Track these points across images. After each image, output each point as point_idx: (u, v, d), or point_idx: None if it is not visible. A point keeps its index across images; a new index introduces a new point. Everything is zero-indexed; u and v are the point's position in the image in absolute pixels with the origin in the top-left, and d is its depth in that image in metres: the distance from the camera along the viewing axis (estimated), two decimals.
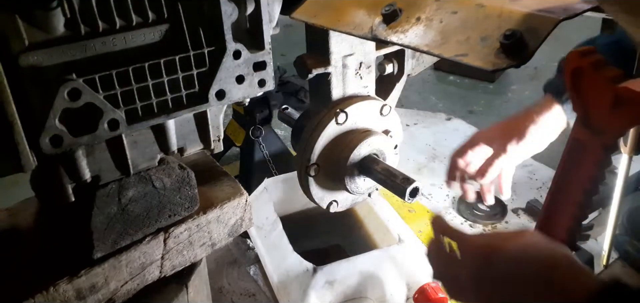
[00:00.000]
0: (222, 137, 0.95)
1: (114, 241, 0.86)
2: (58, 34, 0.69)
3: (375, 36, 0.86)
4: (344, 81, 1.04)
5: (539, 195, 2.55)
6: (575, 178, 0.92)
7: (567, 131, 1.16)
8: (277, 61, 4.63)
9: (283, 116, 1.27)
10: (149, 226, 0.90)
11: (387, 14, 0.85)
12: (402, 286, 1.96)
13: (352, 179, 1.06)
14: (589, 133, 0.86)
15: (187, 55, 0.78)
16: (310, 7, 0.99)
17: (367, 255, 1.91)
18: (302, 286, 1.84)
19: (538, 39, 0.67)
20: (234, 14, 0.80)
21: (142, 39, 0.76)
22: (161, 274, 0.94)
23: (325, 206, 1.12)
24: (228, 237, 1.03)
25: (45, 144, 0.69)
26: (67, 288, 0.81)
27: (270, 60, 0.87)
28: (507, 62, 0.68)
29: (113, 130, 0.74)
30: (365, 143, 1.04)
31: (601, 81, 0.79)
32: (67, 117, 0.70)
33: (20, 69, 0.66)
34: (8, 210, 1.00)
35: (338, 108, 1.02)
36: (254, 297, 2.04)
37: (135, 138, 0.83)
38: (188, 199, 0.94)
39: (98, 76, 0.71)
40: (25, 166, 0.70)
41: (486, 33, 0.73)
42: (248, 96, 0.87)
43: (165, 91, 0.78)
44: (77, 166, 0.77)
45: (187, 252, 0.96)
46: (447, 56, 0.75)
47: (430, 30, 0.79)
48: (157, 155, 0.87)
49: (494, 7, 0.75)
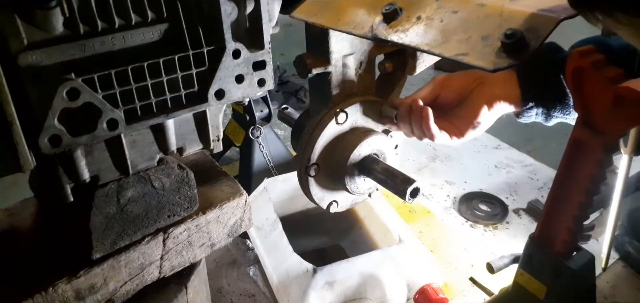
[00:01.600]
0: (221, 137, 0.95)
1: (113, 242, 0.85)
2: (57, 34, 0.69)
3: (376, 35, 0.86)
4: (344, 80, 1.04)
5: (540, 195, 2.54)
6: (576, 177, 0.92)
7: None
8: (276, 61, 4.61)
9: (283, 115, 1.27)
10: (148, 227, 0.89)
11: (387, 13, 0.84)
12: (403, 286, 1.96)
13: (352, 180, 1.06)
14: (589, 133, 0.86)
15: (186, 54, 0.78)
16: (310, 6, 0.98)
17: (367, 256, 1.91)
18: (302, 287, 1.84)
19: (539, 38, 0.67)
20: (233, 13, 0.79)
21: (141, 39, 0.75)
22: (160, 275, 0.94)
23: (325, 206, 1.12)
24: (227, 238, 1.03)
25: (44, 144, 0.69)
26: (66, 288, 0.81)
27: (269, 59, 0.87)
28: (508, 62, 0.68)
29: (112, 130, 0.74)
30: (366, 143, 1.04)
31: (602, 81, 0.78)
32: (66, 117, 0.70)
33: (19, 68, 0.66)
34: (7, 210, 1.00)
35: (338, 108, 1.02)
36: (254, 298, 2.04)
37: (134, 138, 0.83)
38: (187, 199, 0.93)
39: (97, 75, 0.71)
40: (24, 166, 0.69)
41: (487, 32, 0.72)
42: (247, 95, 0.86)
43: (164, 91, 0.78)
44: (76, 166, 0.77)
45: (186, 253, 0.96)
46: (447, 56, 0.74)
47: (431, 29, 0.79)
48: (156, 155, 0.87)
49: (495, 6, 0.74)
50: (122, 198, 0.84)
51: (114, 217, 0.84)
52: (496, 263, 1.77)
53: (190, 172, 0.92)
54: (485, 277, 2.03)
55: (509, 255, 1.76)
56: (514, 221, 2.49)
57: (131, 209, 0.86)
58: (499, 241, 2.39)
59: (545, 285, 1.47)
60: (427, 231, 2.48)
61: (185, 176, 0.91)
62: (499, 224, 2.49)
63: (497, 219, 2.51)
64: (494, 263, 1.77)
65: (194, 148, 0.93)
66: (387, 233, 2.13)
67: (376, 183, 1.07)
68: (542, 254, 1.48)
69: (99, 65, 0.71)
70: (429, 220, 2.56)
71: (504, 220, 2.50)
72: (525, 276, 1.56)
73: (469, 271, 2.18)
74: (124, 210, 0.85)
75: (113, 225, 0.84)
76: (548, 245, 1.43)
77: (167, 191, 0.90)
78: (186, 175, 0.91)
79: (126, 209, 0.85)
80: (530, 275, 1.52)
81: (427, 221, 2.55)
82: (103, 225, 0.83)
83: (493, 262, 1.77)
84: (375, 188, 1.12)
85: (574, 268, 1.40)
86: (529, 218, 2.48)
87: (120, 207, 0.84)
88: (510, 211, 2.52)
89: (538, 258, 1.47)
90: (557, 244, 1.44)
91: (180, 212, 0.93)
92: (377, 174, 1.04)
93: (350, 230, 2.31)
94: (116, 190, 0.83)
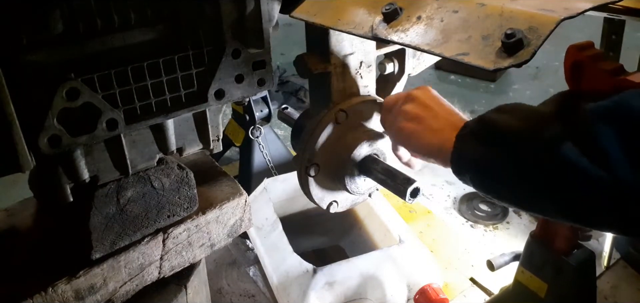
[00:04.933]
0: (221, 137, 0.94)
1: (113, 242, 0.85)
2: (57, 33, 0.69)
3: (376, 35, 0.85)
4: (344, 80, 1.03)
5: None
6: None
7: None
8: (276, 60, 4.61)
9: (283, 115, 1.27)
10: (147, 227, 0.89)
11: (387, 12, 0.84)
12: (403, 287, 1.96)
13: (352, 180, 1.06)
14: None
15: (186, 54, 0.77)
16: (310, 6, 0.98)
17: (368, 256, 1.91)
18: (301, 287, 1.84)
19: (539, 38, 0.67)
20: (233, 12, 0.79)
21: (141, 38, 0.75)
22: (160, 275, 0.93)
23: (325, 206, 1.12)
24: (227, 238, 1.03)
25: (44, 144, 0.69)
26: (65, 288, 0.80)
27: (269, 59, 0.86)
28: (509, 62, 0.67)
29: (111, 130, 0.74)
30: (366, 143, 1.03)
31: (601, 74, 0.78)
32: (66, 117, 0.70)
33: (18, 67, 0.66)
34: (6, 210, 1.00)
35: (338, 108, 1.02)
36: (254, 298, 2.04)
37: (134, 138, 0.83)
38: (187, 199, 0.93)
39: (97, 75, 0.70)
40: (24, 166, 0.69)
41: (487, 32, 0.72)
42: (247, 95, 0.86)
43: (164, 91, 0.77)
44: (75, 166, 0.77)
45: (186, 253, 0.96)
46: (448, 55, 0.74)
47: (431, 29, 0.78)
48: (156, 155, 0.87)
49: (495, 6, 0.74)
50: (121, 198, 0.84)
51: (114, 217, 0.84)
52: (497, 260, 1.77)
53: (190, 172, 0.92)
54: (486, 277, 2.03)
55: (510, 253, 1.77)
56: (515, 221, 2.49)
57: (131, 209, 0.86)
58: (499, 242, 2.39)
59: (546, 282, 1.48)
60: (427, 231, 2.47)
61: (185, 176, 0.91)
62: (500, 224, 2.49)
63: (498, 219, 2.51)
64: (495, 260, 1.77)
65: (193, 148, 0.93)
66: (387, 233, 2.13)
67: (376, 183, 1.07)
68: (542, 251, 1.47)
69: (98, 65, 0.71)
70: (429, 220, 2.56)
71: (505, 220, 2.50)
72: (526, 274, 1.57)
73: (470, 271, 2.18)
74: (123, 210, 0.85)
75: (113, 225, 0.84)
76: (549, 242, 1.43)
77: (166, 191, 0.89)
78: (186, 175, 0.91)
79: (126, 209, 0.85)
80: (531, 272, 1.52)
81: (427, 221, 2.55)
82: (103, 225, 0.83)
83: (493, 260, 1.77)
84: (375, 188, 1.12)
85: (575, 265, 1.39)
86: (529, 218, 2.48)
87: (120, 207, 0.84)
88: (511, 211, 2.52)
89: (539, 255, 1.46)
90: (557, 241, 1.44)
91: (180, 212, 0.93)
92: (377, 175, 1.04)
93: (350, 230, 2.31)
94: (116, 190, 0.83)
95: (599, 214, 0.61)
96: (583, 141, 0.59)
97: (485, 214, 2.54)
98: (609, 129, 0.58)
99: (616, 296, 1.77)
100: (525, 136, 0.66)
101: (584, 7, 0.70)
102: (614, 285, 1.81)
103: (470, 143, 0.73)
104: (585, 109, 0.62)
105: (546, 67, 4.50)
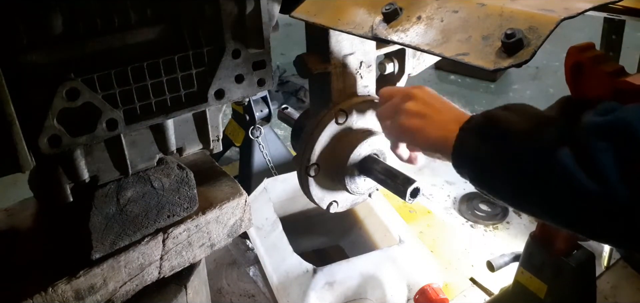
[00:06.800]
0: (221, 137, 0.94)
1: (113, 242, 0.85)
2: (57, 33, 0.69)
3: (376, 35, 0.85)
4: (344, 80, 1.03)
5: None
6: None
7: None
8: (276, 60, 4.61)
9: (283, 115, 1.27)
10: (147, 227, 0.89)
11: (387, 12, 0.84)
12: (403, 287, 1.96)
13: (352, 180, 1.06)
14: None
15: (186, 54, 0.77)
16: (310, 6, 0.98)
17: (368, 256, 1.91)
18: (301, 287, 1.84)
19: (539, 38, 0.67)
20: (233, 12, 0.79)
21: (141, 38, 0.75)
22: (160, 275, 0.93)
23: (325, 206, 1.12)
24: (227, 238, 1.03)
25: (44, 144, 0.69)
26: (65, 288, 0.80)
27: (269, 59, 0.86)
28: (509, 62, 0.67)
29: (111, 130, 0.74)
30: (366, 143, 1.03)
31: (601, 75, 0.78)
32: (66, 117, 0.70)
33: (19, 67, 0.66)
34: (6, 210, 1.00)
35: (338, 108, 1.02)
36: (254, 298, 2.04)
37: (133, 138, 0.83)
38: (187, 199, 0.93)
39: (96, 75, 0.70)
40: (24, 166, 0.69)
41: (487, 32, 0.72)
42: (247, 95, 0.86)
43: (164, 91, 0.77)
44: (75, 166, 0.77)
45: (186, 253, 0.96)
46: (448, 56, 0.74)
47: (431, 29, 0.78)
48: (155, 155, 0.87)
49: (495, 6, 0.74)
50: (121, 198, 0.84)
51: (114, 217, 0.84)
52: (496, 261, 1.77)
53: (190, 172, 0.92)
54: (486, 277, 2.03)
55: (510, 254, 1.77)
56: (515, 221, 2.49)
57: (131, 209, 0.86)
58: (499, 242, 2.39)
59: (545, 283, 1.48)
60: (427, 231, 2.48)
61: (185, 176, 0.91)
62: (500, 224, 2.49)
63: (498, 219, 2.51)
64: (494, 261, 1.77)
65: (193, 148, 0.93)
66: (387, 233, 2.13)
67: (376, 183, 1.07)
68: (542, 252, 1.48)
69: (98, 65, 0.71)
70: (429, 220, 2.56)
71: (505, 220, 2.50)
72: (526, 274, 1.57)
73: (470, 271, 2.18)
74: (123, 210, 0.85)
75: (113, 225, 0.84)
76: (549, 243, 1.43)
77: (166, 192, 0.89)
78: (186, 175, 0.91)
79: (126, 209, 0.85)
80: (530, 273, 1.52)
81: (427, 221, 2.55)
82: (103, 225, 0.83)
83: (493, 260, 1.77)
84: (375, 188, 1.12)
85: (574, 265, 1.39)
86: (529, 219, 2.48)
87: (119, 207, 0.84)
88: (511, 211, 2.52)
89: (538, 256, 1.46)
90: (557, 242, 1.44)
91: (180, 212, 0.93)
92: (377, 175, 1.04)
93: (350, 230, 2.31)
94: (116, 190, 0.83)
95: (590, 225, 0.62)
96: (581, 153, 0.60)
97: (485, 214, 2.54)
98: (608, 145, 0.58)
99: (616, 296, 1.77)
100: (525, 136, 0.67)
101: (584, 7, 0.70)
102: (614, 285, 1.81)
103: (472, 136, 0.74)
104: (586, 122, 0.62)
105: (546, 67, 4.50)
